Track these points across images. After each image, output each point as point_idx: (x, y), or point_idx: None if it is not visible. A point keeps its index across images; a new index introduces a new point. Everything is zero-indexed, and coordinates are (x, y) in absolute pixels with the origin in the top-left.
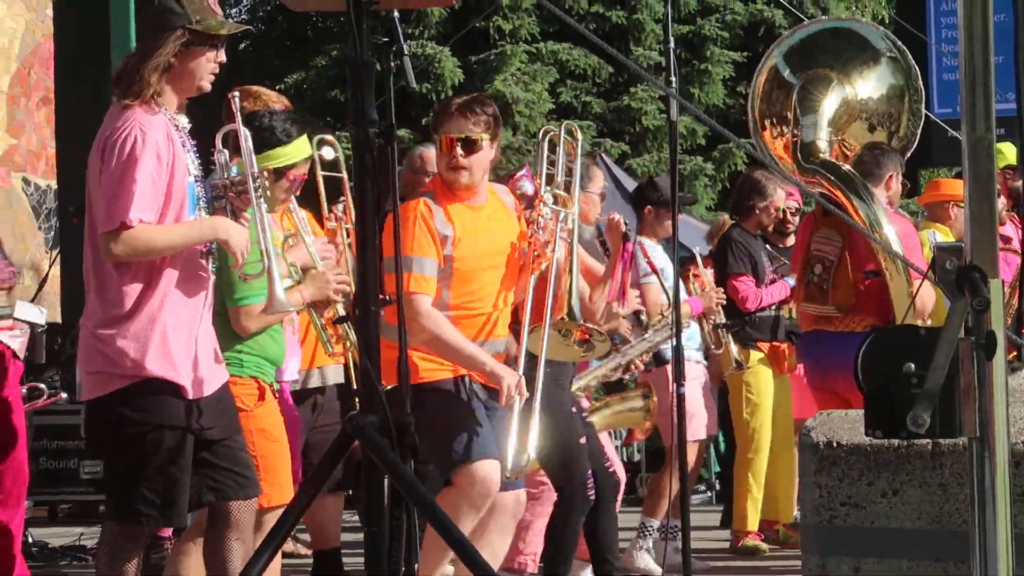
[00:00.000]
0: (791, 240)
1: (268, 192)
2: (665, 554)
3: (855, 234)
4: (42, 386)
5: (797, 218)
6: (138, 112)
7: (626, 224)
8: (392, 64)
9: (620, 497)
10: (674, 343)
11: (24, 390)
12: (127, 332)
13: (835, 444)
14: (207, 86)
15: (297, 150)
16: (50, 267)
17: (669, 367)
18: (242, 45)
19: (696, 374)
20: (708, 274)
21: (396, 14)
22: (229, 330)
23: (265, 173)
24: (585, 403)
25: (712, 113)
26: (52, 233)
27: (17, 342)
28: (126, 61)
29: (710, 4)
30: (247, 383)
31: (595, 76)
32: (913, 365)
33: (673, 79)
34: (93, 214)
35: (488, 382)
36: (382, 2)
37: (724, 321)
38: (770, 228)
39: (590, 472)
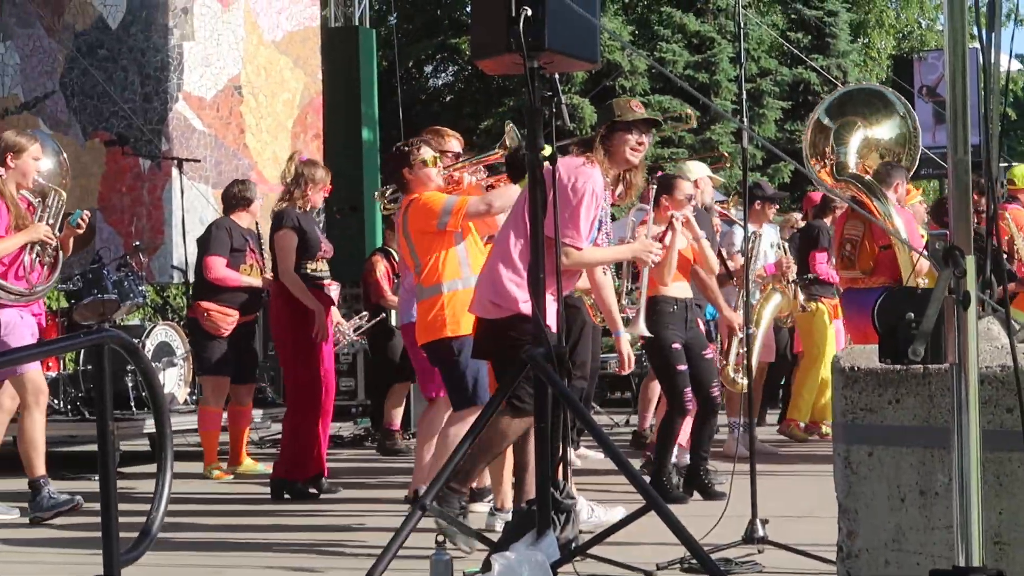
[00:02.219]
0: None
1: None
2: (738, 443)
3: (871, 223)
4: (365, 313)
5: None
6: (596, 170)
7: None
8: (553, 110)
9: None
10: (745, 299)
11: (356, 319)
12: (518, 284)
13: (856, 368)
14: (633, 159)
15: None
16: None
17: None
18: (448, 98)
19: None
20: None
21: (556, 76)
22: None
23: None
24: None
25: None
26: (320, 225)
27: (335, 293)
28: (594, 136)
29: (766, 68)
30: None
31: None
32: (913, 314)
33: (745, 119)
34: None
35: None
36: (547, 68)
37: (794, 279)
38: None
39: (689, 391)
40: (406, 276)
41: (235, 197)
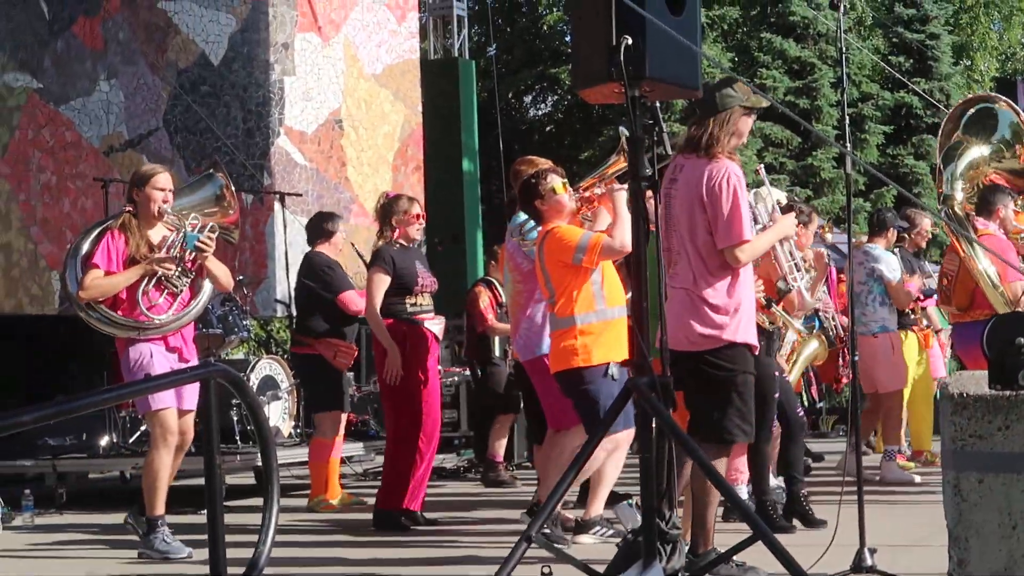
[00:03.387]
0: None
1: None
2: (845, 467)
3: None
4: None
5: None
6: (726, 161)
7: (828, 255)
8: (655, 138)
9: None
10: (852, 328)
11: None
12: (721, 309)
13: (965, 394)
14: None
15: None
16: None
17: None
18: (548, 128)
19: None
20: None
21: (657, 103)
22: None
23: None
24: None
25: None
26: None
27: (437, 328)
28: (703, 131)
29: (867, 92)
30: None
31: (788, 144)
32: (1023, 340)
33: (848, 144)
34: (697, 232)
35: None
36: (648, 96)
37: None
38: (923, 246)
39: (776, 416)
40: (533, 310)
41: (322, 229)
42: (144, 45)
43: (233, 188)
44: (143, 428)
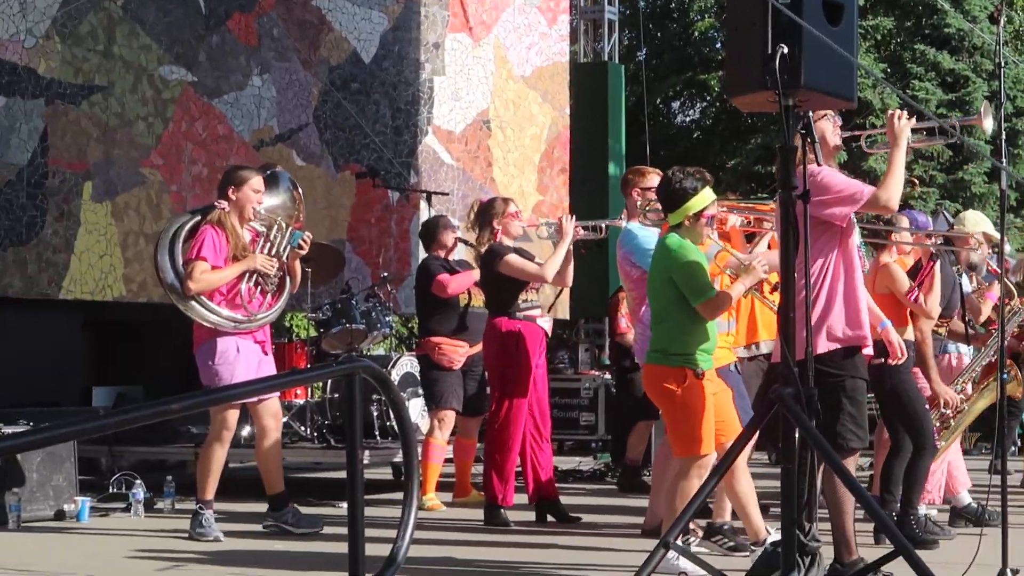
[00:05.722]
0: None
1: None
2: (988, 495)
3: None
4: None
5: None
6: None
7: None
8: (807, 148)
9: None
10: (1002, 347)
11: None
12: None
13: None
14: (839, 141)
15: (704, 198)
16: None
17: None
18: (696, 135)
19: None
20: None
21: (810, 113)
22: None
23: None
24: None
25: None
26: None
27: (547, 324)
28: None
29: (1021, 108)
30: (675, 371)
31: (939, 157)
32: None
33: (1004, 160)
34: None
35: None
36: (802, 105)
37: None
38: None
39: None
40: (645, 315)
41: (430, 235)
42: (297, 41)
43: (301, 191)
44: (284, 419)
